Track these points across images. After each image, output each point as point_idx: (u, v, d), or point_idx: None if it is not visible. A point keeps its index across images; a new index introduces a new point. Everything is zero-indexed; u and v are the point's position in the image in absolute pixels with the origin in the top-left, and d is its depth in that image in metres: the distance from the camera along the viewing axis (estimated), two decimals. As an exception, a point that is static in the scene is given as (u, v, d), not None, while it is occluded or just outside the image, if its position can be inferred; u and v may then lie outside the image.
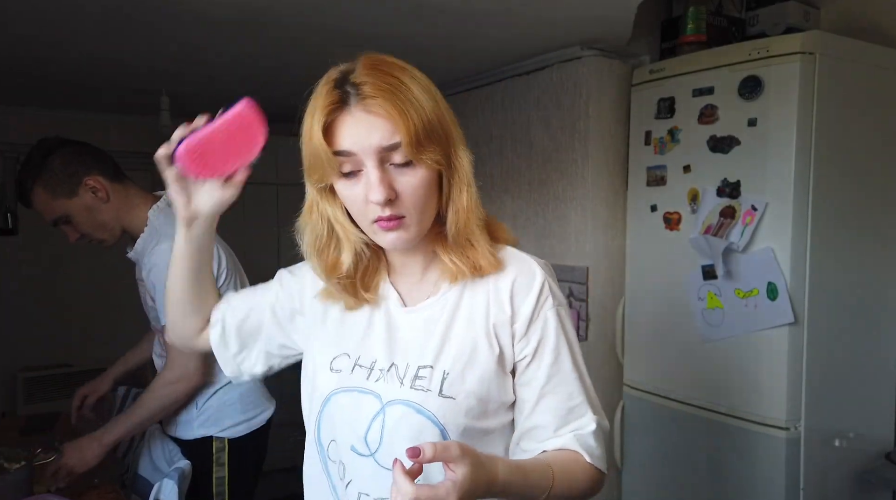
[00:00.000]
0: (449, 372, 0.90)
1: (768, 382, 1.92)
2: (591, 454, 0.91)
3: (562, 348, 0.93)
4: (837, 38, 1.93)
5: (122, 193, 1.66)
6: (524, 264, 0.95)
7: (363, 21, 1.97)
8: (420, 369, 0.91)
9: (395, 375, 0.92)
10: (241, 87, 2.88)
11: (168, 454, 1.66)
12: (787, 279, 1.86)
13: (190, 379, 1.58)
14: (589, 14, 1.98)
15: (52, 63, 2.44)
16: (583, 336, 2.38)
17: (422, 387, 0.90)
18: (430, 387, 0.89)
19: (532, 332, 0.92)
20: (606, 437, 0.95)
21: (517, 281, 0.93)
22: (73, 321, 3.53)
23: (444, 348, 0.92)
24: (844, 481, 2.02)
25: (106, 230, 1.66)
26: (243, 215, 3.56)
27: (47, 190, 1.58)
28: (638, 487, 2.37)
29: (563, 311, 0.94)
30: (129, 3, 1.79)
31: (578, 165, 2.37)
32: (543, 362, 0.92)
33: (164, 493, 1.43)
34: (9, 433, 2.01)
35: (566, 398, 0.92)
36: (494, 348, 0.92)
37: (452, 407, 0.89)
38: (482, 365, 0.91)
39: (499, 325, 0.92)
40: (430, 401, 0.89)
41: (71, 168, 1.58)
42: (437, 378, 0.90)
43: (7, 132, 3.23)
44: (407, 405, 0.90)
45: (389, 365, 0.93)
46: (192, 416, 1.67)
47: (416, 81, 0.84)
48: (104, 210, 1.63)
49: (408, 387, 0.90)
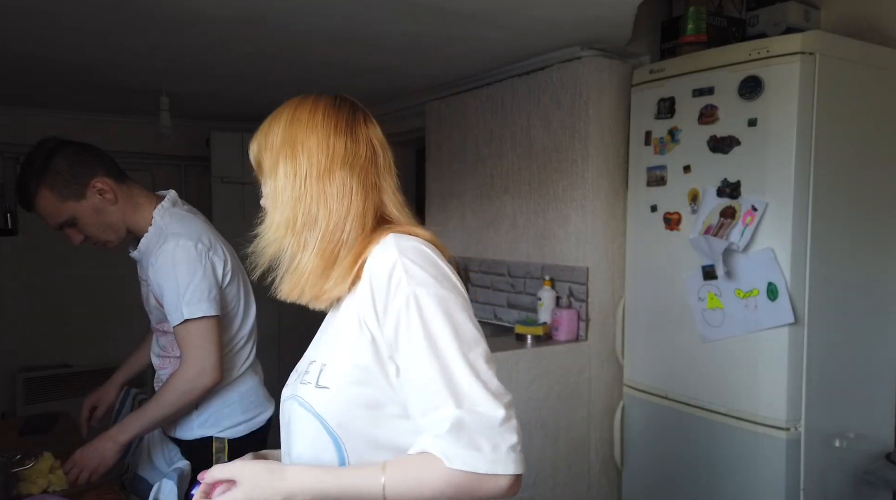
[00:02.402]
0: (326, 363, 0.92)
1: (768, 382, 1.92)
2: (448, 455, 0.79)
3: (416, 331, 0.84)
4: (837, 39, 1.93)
5: (127, 193, 1.64)
6: (384, 247, 0.90)
7: (363, 21, 1.97)
8: (310, 364, 0.95)
9: (295, 373, 0.99)
10: (242, 87, 2.89)
11: (167, 454, 1.66)
12: (788, 280, 1.86)
13: (209, 375, 1.57)
14: (589, 14, 1.98)
15: (53, 63, 2.44)
16: (583, 336, 2.38)
17: (307, 381, 0.93)
18: (310, 380, 0.92)
19: (389, 314, 0.87)
20: (487, 428, 0.81)
21: (373, 265, 0.89)
22: (73, 321, 3.53)
23: (323, 339, 0.97)
24: (844, 481, 2.02)
25: (112, 231, 1.65)
26: (243, 215, 3.56)
27: (54, 192, 1.56)
28: (638, 487, 2.37)
29: (423, 291, 0.86)
30: (129, 4, 1.79)
31: (578, 165, 2.37)
32: (401, 346, 0.86)
33: (163, 493, 1.43)
34: (7, 433, 2.00)
35: (423, 385, 0.84)
36: (365, 334, 0.88)
37: (327, 397, 0.89)
38: (355, 353, 0.89)
39: (364, 310, 0.89)
40: (308, 393, 0.91)
41: (77, 169, 1.56)
42: (315, 370, 0.92)
43: (7, 132, 3.23)
44: (293, 399, 0.94)
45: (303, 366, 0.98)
46: (192, 416, 1.66)
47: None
48: (112, 212, 1.62)
49: (298, 382, 0.95)
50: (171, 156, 3.75)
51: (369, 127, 0.98)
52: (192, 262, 1.55)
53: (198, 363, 1.55)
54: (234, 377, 1.68)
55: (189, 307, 1.53)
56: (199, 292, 1.55)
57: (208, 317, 1.55)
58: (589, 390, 2.39)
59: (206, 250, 1.59)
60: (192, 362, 1.56)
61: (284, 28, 2.02)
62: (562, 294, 2.44)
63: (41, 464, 1.60)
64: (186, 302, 1.53)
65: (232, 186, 3.59)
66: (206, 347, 1.55)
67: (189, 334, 1.55)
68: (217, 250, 1.63)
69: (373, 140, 0.97)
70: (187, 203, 1.75)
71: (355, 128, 0.96)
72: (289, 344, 3.53)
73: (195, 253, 1.56)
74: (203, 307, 1.54)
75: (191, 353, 1.56)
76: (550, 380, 2.30)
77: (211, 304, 1.56)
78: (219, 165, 3.58)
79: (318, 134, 0.93)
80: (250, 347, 1.74)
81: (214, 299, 1.57)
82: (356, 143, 0.95)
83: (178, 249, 1.55)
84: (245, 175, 3.63)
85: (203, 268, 1.56)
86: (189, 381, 1.56)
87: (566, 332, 2.36)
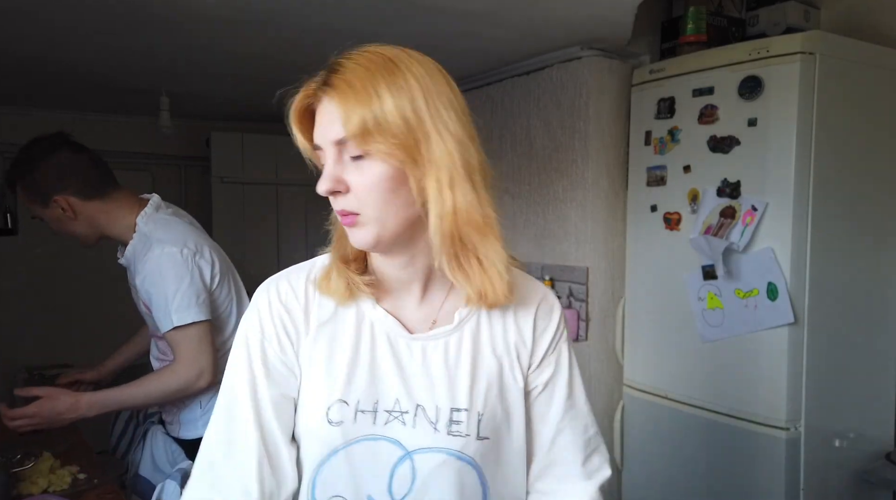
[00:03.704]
0: (483, 413, 0.85)
1: (768, 382, 1.92)
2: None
3: (575, 381, 0.95)
4: (837, 38, 1.93)
5: (97, 210, 1.66)
6: (542, 291, 0.95)
7: (363, 21, 1.97)
8: (454, 412, 0.84)
9: (424, 418, 0.84)
10: (241, 87, 2.89)
11: (171, 454, 1.66)
12: (788, 279, 1.86)
13: (205, 378, 1.59)
14: (589, 14, 1.98)
15: (53, 64, 2.44)
16: (583, 336, 2.38)
17: (459, 432, 0.83)
18: (468, 431, 0.84)
19: (546, 364, 0.92)
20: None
21: (540, 310, 0.92)
22: (73, 321, 3.52)
23: (474, 386, 0.85)
24: (844, 481, 2.02)
25: (76, 236, 1.70)
26: (243, 215, 3.56)
27: (25, 193, 1.65)
28: (638, 487, 2.37)
29: (570, 342, 0.96)
30: (130, 4, 1.79)
31: (578, 165, 2.37)
32: (557, 395, 0.92)
33: (166, 494, 1.43)
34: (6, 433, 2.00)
35: (583, 431, 0.94)
36: (519, 382, 0.90)
37: (489, 447, 0.87)
38: (511, 401, 0.89)
39: (521, 356, 0.90)
40: (469, 446, 0.84)
41: (48, 180, 1.61)
42: (473, 421, 0.84)
43: (7, 132, 3.23)
44: (448, 454, 0.83)
45: (415, 407, 0.84)
46: (197, 415, 1.69)
47: (386, 69, 0.76)
48: (72, 225, 1.66)
49: (444, 433, 0.83)
50: (171, 156, 3.75)
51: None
52: (179, 268, 1.56)
53: (195, 366, 1.57)
54: None
55: (178, 314, 1.55)
56: (188, 299, 1.56)
57: (198, 322, 1.57)
58: (589, 390, 2.35)
59: (191, 254, 1.60)
60: (190, 365, 1.57)
61: (285, 28, 2.02)
62: (562, 294, 2.44)
63: (41, 464, 1.60)
64: (175, 309, 1.55)
65: (232, 186, 3.59)
66: (201, 350, 1.57)
67: (182, 339, 1.57)
68: (204, 253, 1.64)
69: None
70: (172, 205, 1.77)
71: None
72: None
73: (181, 259, 1.57)
74: (192, 313, 1.56)
75: (185, 357, 1.57)
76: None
77: (200, 308, 1.58)
78: (219, 164, 3.58)
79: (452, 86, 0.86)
80: None
81: (203, 302, 1.59)
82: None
83: (164, 256, 1.57)
84: (245, 175, 3.65)
85: (190, 274, 1.58)
86: (185, 382, 1.58)
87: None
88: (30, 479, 1.54)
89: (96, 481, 1.58)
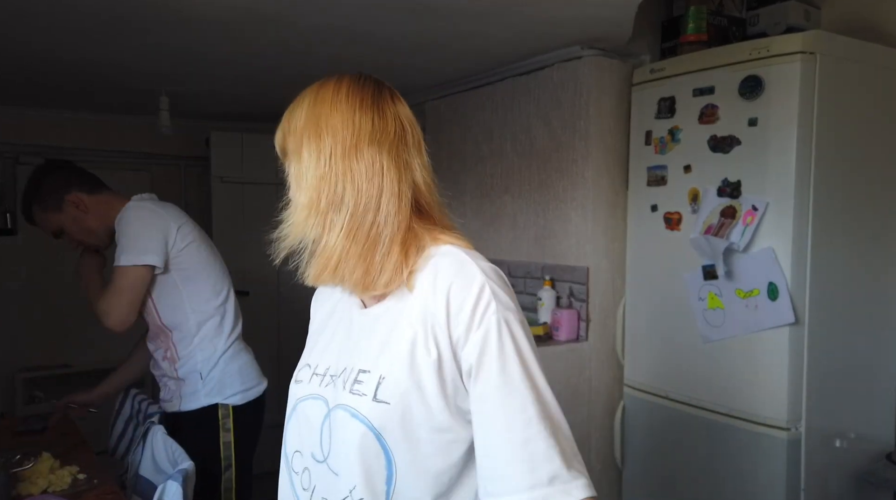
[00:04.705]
0: (385, 377, 0.86)
1: (769, 382, 1.91)
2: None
3: (510, 365, 0.83)
4: (838, 38, 1.93)
5: (101, 202, 1.89)
6: (460, 263, 0.87)
7: (363, 21, 1.97)
8: (360, 373, 0.89)
9: (342, 379, 0.91)
10: (241, 87, 2.89)
11: (171, 454, 1.66)
12: (788, 279, 1.86)
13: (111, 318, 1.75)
14: (589, 14, 1.98)
15: (53, 64, 2.44)
16: (583, 336, 2.38)
17: (358, 392, 0.87)
18: (365, 392, 0.86)
19: (472, 339, 0.83)
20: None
21: (455, 282, 0.85)
22: (72, 322, 3.52)
23: (383, 350, 0.88)
24: (845, 481, 2.02)
25: (94, 235, 1.91)
26: (243, 215, 3.56)
27: (40, 207, 1.88)
28: (638, 487, 2.37)
29: (511, 316, 0.84)
30: (129, 4, 1.79)
31: (579, 165, 2.37)
32: (483, 375, 0.83)
33: (167, 495, 1.42)
34: (5, 434, 2.01)
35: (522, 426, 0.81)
36: (432, 353, 0.85)
37: (386, 412, 0.84)
38: (420, 370, 0.85)
39: (434, 328, 0.85)
40: (364, 406, 0.86)
41: (55, 187, 1.87)
42: (372, 383, 0.86)
43: (7, 132, 3.23)
44: (345, 410, 0.88)
45: (341, 370, 0.92)
46: (199, 387, 1.84)
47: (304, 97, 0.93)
48: (87, 219, 1.89)
49: (347, 392, 0.89)
50: (171, 156, 3.75)
51: (396, 103, 0.92)
52: (142, 219, 1.78)
53: (105, 303, 1.74)
54: (226, 347, 1.88)
55: (126, 255, 1.73)
56: (140, 244, 1.74)
57: (138, 266, 1.73)
58: (589, 390, 2.39)
59: (157, 208, 1.83)
60: (106, 300, 1.74)
61: (285, 28, 2.01)
62: (562, 294, 2.44)
63: (41, 464, 1.60)
64: (124, 250, 1.73)
65: (232, 186, 3.58)
66: (125, 292, 1.73)
67: (117, 277, 1.74)
68: (174, 216, 1.83)
69: (401, 116, 0.91)
70: (160, 200, 1.94)
71: (382, 104, 0.90)
72: (289, 344, 3.53)
73: (146, 212, 1.80)
74: (134, 257, 1.73)
75: (111, 293, 1.74)
76: (550, 380, 2.26)
77: (147, 255, 1.74)
78: (218, 164, 3.57)
79: (342, 111, 0.88)
80: (231, 322, 1.92)
81: (153, 251, 1.75)
82: (383, 119, 0.89)
83: (129, 210, 1.80)
84: (245, 175, 3.64)
85: (149, 225, 1.77)
86: (98, 312, 1.76)
87: (566, 332, 2.36)
88: (30, 479, 1.54)
89: (96, 481, 1.58)
